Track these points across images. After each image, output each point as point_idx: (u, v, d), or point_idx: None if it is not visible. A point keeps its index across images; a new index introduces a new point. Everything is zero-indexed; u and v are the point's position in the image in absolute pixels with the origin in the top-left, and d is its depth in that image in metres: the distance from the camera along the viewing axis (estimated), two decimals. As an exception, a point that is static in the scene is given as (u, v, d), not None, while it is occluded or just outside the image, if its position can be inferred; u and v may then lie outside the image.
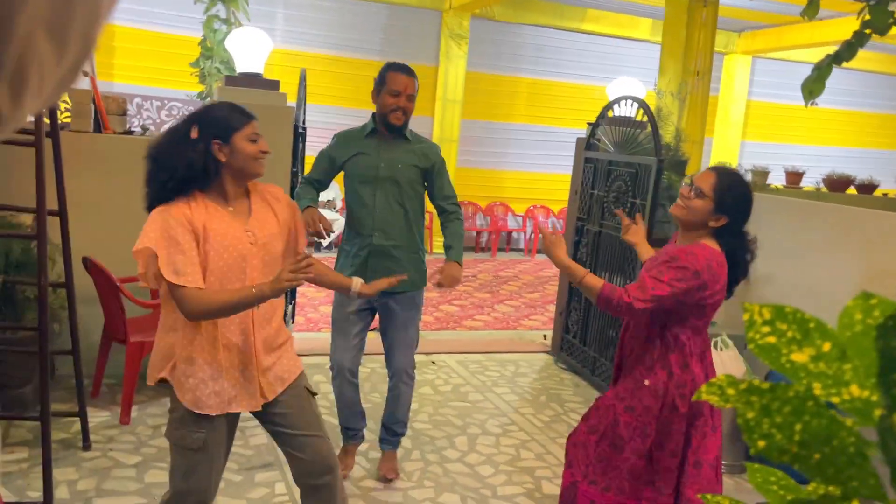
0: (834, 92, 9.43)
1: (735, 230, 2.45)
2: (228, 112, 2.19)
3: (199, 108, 2.27)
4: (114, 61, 8.82)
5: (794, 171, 6.00)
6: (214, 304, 2.10)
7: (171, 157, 2.13)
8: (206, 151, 2.13)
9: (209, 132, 2.14)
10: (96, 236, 4.18)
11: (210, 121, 2.16)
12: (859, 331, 0.46)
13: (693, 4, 5.80)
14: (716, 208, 2.39)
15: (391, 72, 3.14)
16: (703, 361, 2.49)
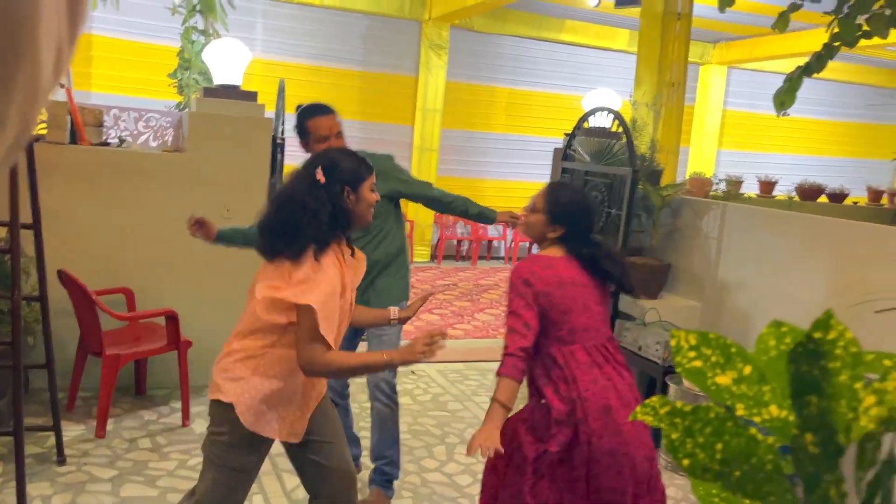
0: (807, 102, 9.62)
1: (577, 237, 2.51)
2: (357, 161, 2.24)
3: (319, 155, 2.29)
4: (91, 71, 8.78)
5: (767, 180, 6.10)
6: (345, 366, 2.14)
7: (312, 202, 2.13)
8: (340, 197, 2.16)
9: (341, 178, 2.17)
10: (72, 248, 4.16)
11: (341, 168, 2.19)
12: (774, 356, 0.49)
13: (667, 17, 5.88)
14: (550, 220, 2.50)
15: (308, 119, 3.06)
16: (590, 372, 2.41)
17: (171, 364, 4.12)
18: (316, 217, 2.11)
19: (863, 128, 12.86)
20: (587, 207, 2.58)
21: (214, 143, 4.37)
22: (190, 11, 4.92)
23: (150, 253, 4.35)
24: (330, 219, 2.13)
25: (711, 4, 4.24)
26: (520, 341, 2.33)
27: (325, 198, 2.13)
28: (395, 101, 10.28)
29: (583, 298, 2.46)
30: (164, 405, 4.23)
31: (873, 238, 3.70)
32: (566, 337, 2.42)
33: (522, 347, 2.33)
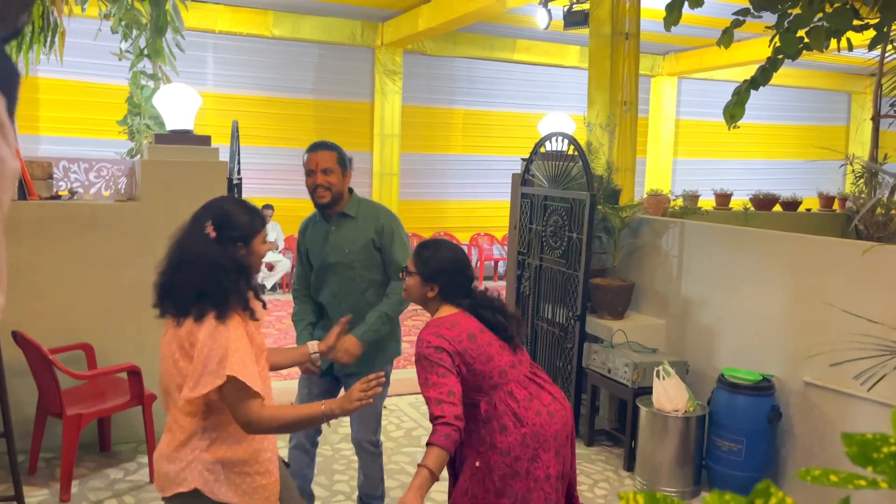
0: (757, 108, 9.83)
1: (456, 292, 2.48)
2: (249, 214, 2.15)
3: (209, 206, 2.15)
4: (39, 114, 8.61)
5: (722, 192, 6.21)
6: (283, 420, 2.06)
7: (208, 259, 2.04)
8: (234, 253, 2.07)
9: (234, 235, 2.08)
10: (27, 306, 4.05)
11: (233, 223, 2.09)
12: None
13: (615, 38, 5.97)
14: (423, 281, 2.48)
15: (305, 155, 3.12)
16: (521, 419, 2.37)
17: (136, 417, 4.02)
18: (215, 275, 2.03)
19: (812, 130, 13.21)
20: (457, 260, 2.53)
21: (169, 189, 4.30)
22: (138, 56, 4.85)
23: (109, 306, 4.25)
24: (231, 275, 2.04)
25: (659, 19, 4.32)
26: (451, 409, 2.18)
27: (221, 255, 2.05)
28: (352, 128, 10.27)
29: (496, 341, 2.42)
30: (129, 461, 4.12)
31: (826, 250, 3.78)
32: (498, 380, 2.37)
33: (457, 416, 2.18)
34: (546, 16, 7.10)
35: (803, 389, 3.77)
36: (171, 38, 4.93)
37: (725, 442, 3.83)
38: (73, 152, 8.27)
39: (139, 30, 4.85)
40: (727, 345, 4.25)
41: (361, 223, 3.13)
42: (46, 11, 3.38)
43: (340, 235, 3.13)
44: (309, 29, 9.67)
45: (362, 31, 9.98)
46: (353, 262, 3.11)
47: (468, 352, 2.33)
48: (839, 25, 3.92)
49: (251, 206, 2.21)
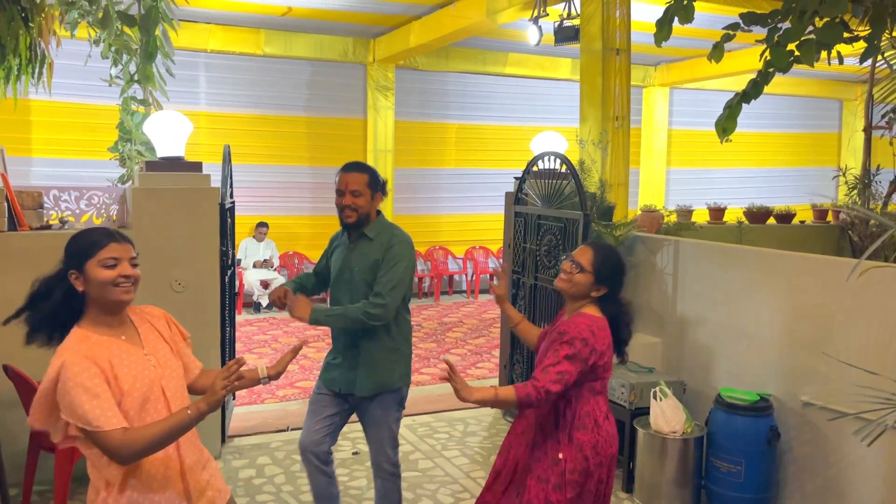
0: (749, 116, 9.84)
1: (614, 297, 2.70)
2: (86, 238, 2.05)
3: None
4: (31, 136, 8.59)
5: (716, 207, 6.21)
6: (148, 439, 1.94)
7: (40, 292, 2.03)
8: (63, 282, 2.02)
9: (67, 263, 2.02)
10: (17, 340, 3.99)
11: (68, 251, 2.04)
12: None
13: (606, 53, 5.97)
14: (595, 280, 2.63)
15: (340, 172, 3.17)
16: (605, 422, 2.64)
17: (130, 449, 3.98)
18: (35, 313, 2.04)
19: (804, 137, 13.25)
20: (625, 269, 2.76)
21: (161, 216, 4.27)
22: (128, 82, 4.83)
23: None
24: (58, 307, 2.03)
25: (650, 31, 4.32)
26: (552, 385, 2.46)
27: (48, 287, 2.02)
28: (345, 145, 10.27)
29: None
30: (124, 492, 4.07)
31: (819, 269, 3.76)
32: (599, 389, 2.65)
33: (549, 391, 2.45)
34: (537, 32, 7.10)
35: (802, 409, 3.75)
36: (162, 63, 4.92)
37: (724, 463, 3.81)
38: (65, 175, 8.24)
39: (129, 55, 4.83)
40: (724, 364, 4.23)
41: (375, 245, 3.16)
42: (34, 43, 3.36)
43: (355, 255, 3.17)
44: (301, 46, 9.67)
45: (354, 47, 9.99)
46: (359, 282, 3.13)
47: (605, 356, 2.57)
48: (829, 39, 3.92)
49: (100, 229, 2.12)
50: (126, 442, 1.91)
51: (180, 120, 4.31)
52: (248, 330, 8.46)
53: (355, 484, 4.27)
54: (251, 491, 4.14)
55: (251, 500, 4.04)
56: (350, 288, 3.17)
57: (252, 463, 4.54)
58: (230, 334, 5.15)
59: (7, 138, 7.99)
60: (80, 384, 1.90)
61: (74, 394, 1.89)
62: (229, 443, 4.82)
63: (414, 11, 8.62)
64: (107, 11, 4.60)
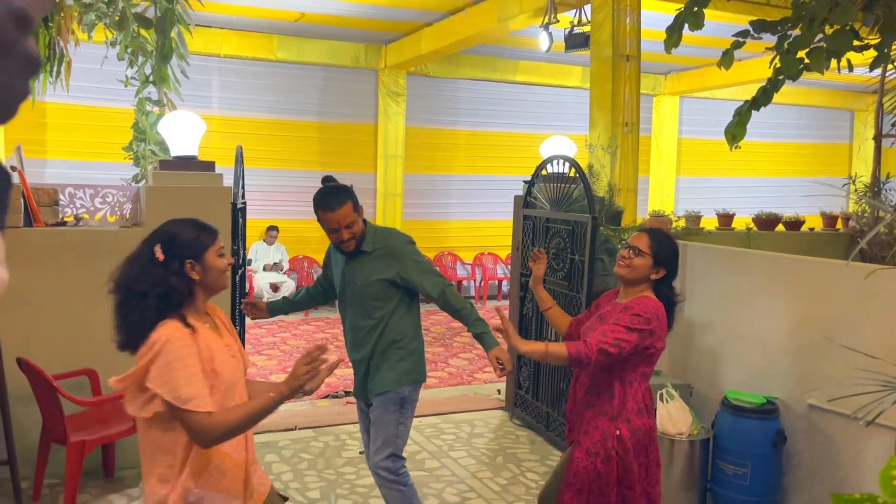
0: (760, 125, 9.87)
1: (670, 281, 2.77)
2: (196, 230, 2.14)
3: (157, 230, 2.15)
4: (46, 138, 8.70)
5: (724, 213, 6.22)
6: (232, 422, 1.98)
7: (143, 284, 2.04)
8: (180, 272, 2.06)
9: (181, 253, 2.07)
10: (33, 333, 4.07)
11: (179, 242, 2.09)
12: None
13: (616, 60, 6.01)
14: (654, 263, 2.70)
15: (319, 212, 3.06)
16: (651, 408, 2.76)
17: (139, 444, 4.02)
18: (143, 300, 2.04)
19: (815, 147, 13.23)
20: (679, 252, 2.84)
21: (173, 215, 4.27)
22: (143, 83, 4.91)
23: (112, 331, 4.26)
24: (158, 300, 2.03)
25: (660, 40, 4.35)
26: (608, 346, 2.52)
27: (159, 277, 2.04)
28: (356, 150, 10.34)
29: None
30: (133, 487, 4.12)
31: (827, 273, 3.78)
32: (649, 374, 2.75)
33: (603, 351, 2.51)
34: (547, 39, 7.15)
35: (808, 413, 3.76)
36: (177, 64, 4.99)
37: (730, 466, 3.81)
38: (79, 176, 8.33)
39: (145, 57, 4.91)
40: (731, 367, 4.24)
41: (376, 258, 3.12)
42: (53, 41, 3.42)
43: (355, 270, 3.15)
44: (313, 52, 9.76)
45: (366, 53, 10.07)
46: (365, 296, 3.13)
47: (660, 342, 2.64)
48: (839, 47, 3.94)
49: (199, 223, 2.19)
50: (212, 425, 1.95)
51: (194, 120, 4.37)
52: (257, 332, 8.50)
53: (362, 482, 4.30)
54: (259, 488, 4.17)
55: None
56: (355, 301, 3.17)
57: (260, 460, 4.56)
58: (240, 334, 5.19)
59: (23, 140, 8.09)
60: (181, 360, 1.95)
61: (175, 367, 1.94)
62: (237, 441, 4.85)
63: (426, 18, 8.70)
64: (124, 13, 4.68)
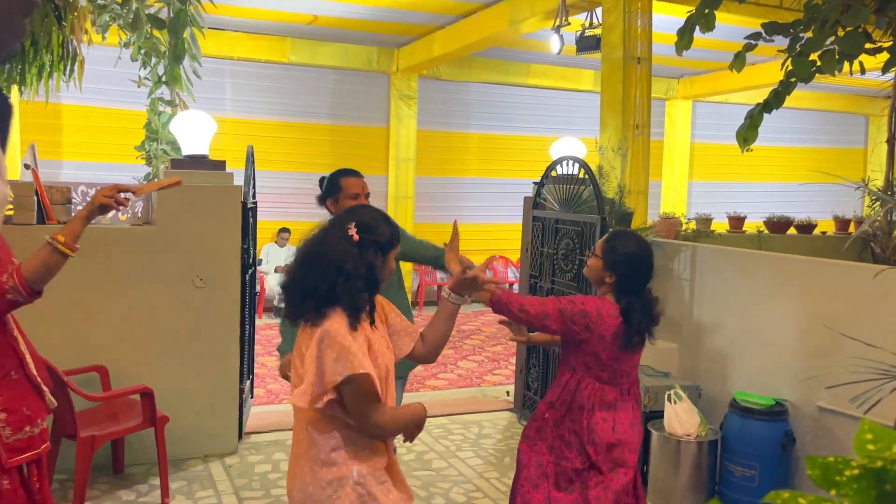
0: (772, 130, 9.82)
1: (627, 286, 2.71)
2: (392, 226, 2.17)
3: (352, 211, 2.16)
4: (62, 139, 8.79)
5: (736, 216, 6.19)
6: (399, 421, 2.04)
7: (350, 263, 2.03)
8: (374, 260, 2.07)
9: (376, 241, 2.08)
10: (44, 328, 4.10)
11: (376, 232, 2.10)
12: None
13: (627, 62, 6.01)
14: (604, 266, 2.72)
15: (345, 177, 3.18)
16: (609, 411, 2.75)
17: (149, 439, 4.05)
18: (350, 279, 2.00)
19: (829, 152, 13.13)
20: (642, 259, 2.76)
21: (184, 213, 4.36)
22: (156, 83, 4.96)
23: (123, 328, 4.31)
24: (365, 282, 2.03)
25: (672, 43, 4.35)
26: (530, 307, 2.68)
27: (359, 259, 2.03)
28: (368, 153, 10.37)
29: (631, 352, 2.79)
30: (142, 483, 4.15)
31: (839, 274, 3.75)
32: (606, 379, 2.76)
33: (523, 307, 2.69)
34: (559, 41, 7.15)
35: (817, 414, 3.73)
36: (189, 65, 5.04)
37: (738, 467, 3.79)
38: (94, 178, 8.42)
39: (158, 57, 4.96)
40: (740, 369, 4.22)
41: None
42: (66, 40, 3.47)
43: None
44: (326, 55, 9.81)
45: (378, 56, 10.11)
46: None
47: (604, 340, 2.69)
48: (851, 49, 3.93)
49: (392, 221, 2.22)
50: (386, 417, 2.00)
51: (205, 119, 4.41)
52: (268, 334, 8.54)
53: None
54: (266, 485, 4.19)
55: (266, 493, 4.09)
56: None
57: (268, 458, 4.59)
58: (250, 333, 5.22)
59: (39, 141, 8.18)
60: (344, 338, 1.95)
61: (339, 344, 1.94)
62: (246, 439, 4.88)
63: (438, 21, 8.72)
64: (137, 14, 4.74)
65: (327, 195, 3.21)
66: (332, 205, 3.18)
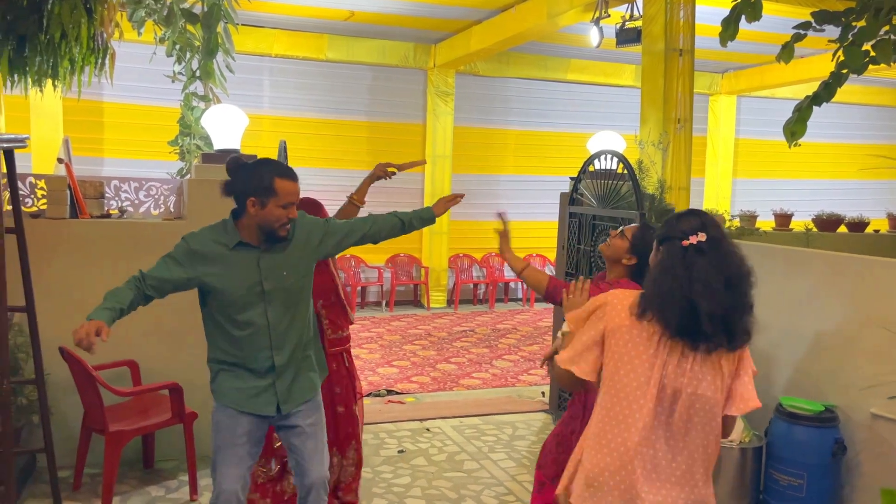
0: (821, 126, 9.48)
1: (642, 272, 2.77)
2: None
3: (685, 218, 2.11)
4: (103, 136, 8.91)
5: (782, 213, 5.96)
6: None
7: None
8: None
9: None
10: (76, 322, 4.08)
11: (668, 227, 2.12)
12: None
13: (669, 54, 5.82)
14: (630, 249, 2.89)
15: (280, 179, 2.59)
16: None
17: (178, 435, 4.03)
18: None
19: (881, 148, 12.63)
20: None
21: (215, 208, 4.27)
22: (190, 78, 4.95)
23: (154, 324, 4.29)
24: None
25: (716, 36, 4.17)
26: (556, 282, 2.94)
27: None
28: (404, 149, 10.30)
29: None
30: (171, 479, 4.13)
31: (891, 274, 3.54)
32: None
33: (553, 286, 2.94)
34: (598, 34, 6.98)
35: (870, 422, 3.52)
36: (223, 59, 5.02)
37: (784, 476, 3.60)
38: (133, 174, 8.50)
39: (192, 52, 4.95)
40: (786, 373, 4.02)
41: (298, 243, 2.75)
42: (96, 33, 3.46)
43: (273, 260, 2.68)
44: (363, 52, 9.77)
45: (415, 52, 10.03)
46: (290, 285, 2.72)
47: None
48: (907, 38, 3.72)
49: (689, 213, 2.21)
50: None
51: (236, 113, 4.38)
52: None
53: (399, 482, 4.22)
54: (295, 483, 4.14)
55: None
56: (272, 300, 2.66)
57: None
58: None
59: (82, 138, 8.31)
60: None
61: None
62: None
63: (475, 16, 8.61)
64: (171, 9, 4.73)
65: (250, 191, 2.60)
66: (254, 206, 2.60)
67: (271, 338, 2.68)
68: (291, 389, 2.74)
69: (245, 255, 2.65)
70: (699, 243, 1.99)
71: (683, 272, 1.96)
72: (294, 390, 2.76)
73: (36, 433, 3.86)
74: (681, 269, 1.96)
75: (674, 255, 2.00)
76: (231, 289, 2.62)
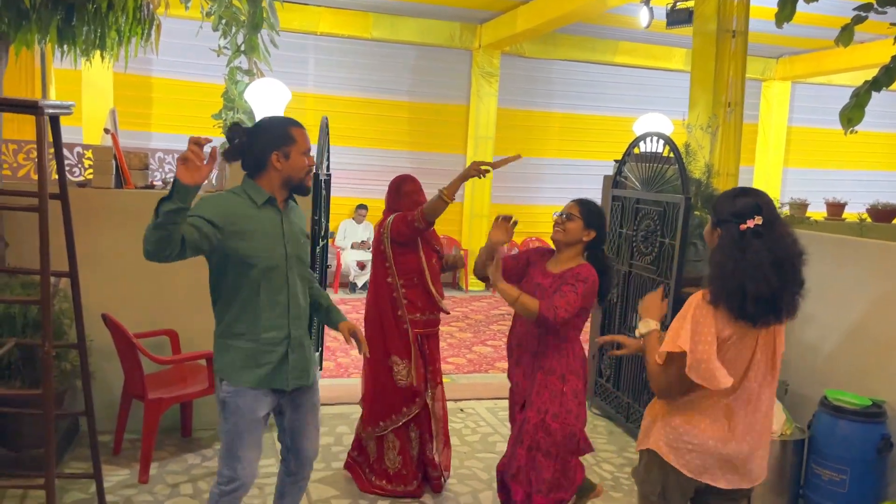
0: (879, 115, 9.12)
1: (600, 244, 3.07)
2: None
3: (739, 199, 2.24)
4: (152, 111, 9.05)
5: (835, 202, 5.76)
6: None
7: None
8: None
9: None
10: (118, 291, 4.19)
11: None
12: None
13: (721, 35, 5.65)
14: (585, 225, 2.99)
15: (294, 127, 2.57)
16: (585, 362, 3.09)
17: (216, 405, 4.08)
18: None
19: (941, 140, 12.16)
20: (605, 217, 3.18)
21: (256, 182, 4.35)
22: (235, 52, 4.97)
23: (194, 294, 4.32)
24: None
25: (771, 18, 4.02)
26: (563, 313, 2.80)
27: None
28: (446, 130, 10.25)
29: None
30: (208, 447, 4.19)
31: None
32: (581, 326, 3.08)
33: (559, 318, 2.79)
34: (647, 14, 6.83)
35: (920, 419, 3.39)
36: (267, 35, 5.03)
37: (826, 471, 3.50)
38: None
39: (237, 27, 4.97)
40: (832, 365, 3.90)
41: (298, 208, 2.75)
42: (143, 4, 3.49)
43: (290, 223, 2.63)
44: (407, 31, 9.72)
45: (461, 32, 9.95)
46: (303, 257, 2.69)
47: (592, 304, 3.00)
48: (977, 19, 3.54)
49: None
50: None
51: (279, 87, 4.38)
52: (342, 308, 8.57)
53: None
54: (328, 458, 4.16)
55: (327, 465, 4.06)
56: (295, 266, 2.62)
57: (332, 431, 4.57)
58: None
59: (131, 113, 8.45)
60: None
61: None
62: (312, 411, 4.88)
63: (522, -5, 8.49)
64: (218, -17, 4.75)
65: (273, 146, 2.51)
66: (279, 160, 2.51)
67: (289, 306, 2.59)
68: (303, 363, 2.66)
69: (271, 216, 2.55)
70: (756, 227, 2.12)
71: (740, 255, 2.11)
72: (305, 365, 2.67)
73: (79, 398, 3.95)
74: (738, 251, 2.12)
75: (733, 238, 2.14)
76: (259, 250, 2.50)
